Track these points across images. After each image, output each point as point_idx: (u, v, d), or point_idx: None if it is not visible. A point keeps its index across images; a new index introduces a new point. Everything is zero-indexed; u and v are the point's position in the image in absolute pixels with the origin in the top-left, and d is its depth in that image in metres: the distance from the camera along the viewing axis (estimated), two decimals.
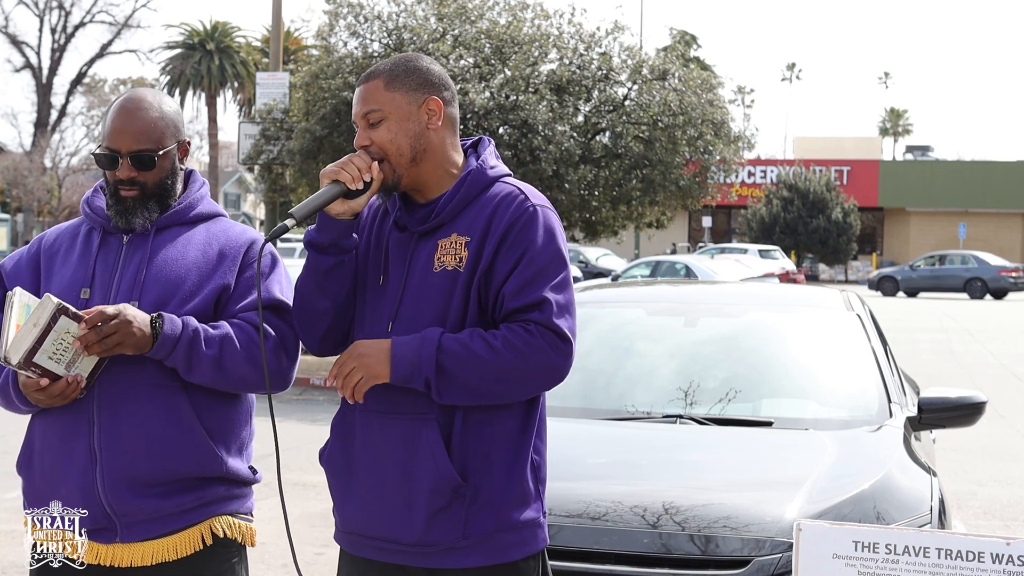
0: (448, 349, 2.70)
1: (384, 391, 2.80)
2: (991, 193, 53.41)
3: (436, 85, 2.88)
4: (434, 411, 2.77)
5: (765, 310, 5.96)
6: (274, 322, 3.00)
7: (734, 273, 27.36)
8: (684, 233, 55.17)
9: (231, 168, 71.01)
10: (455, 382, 2.70)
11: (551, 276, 2.76)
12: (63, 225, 3.19)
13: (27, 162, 47.89)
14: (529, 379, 2.74)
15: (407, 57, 2.92)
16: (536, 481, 2.86)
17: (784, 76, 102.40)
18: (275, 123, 18.01)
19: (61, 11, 52.23)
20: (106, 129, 3.02)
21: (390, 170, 2.84)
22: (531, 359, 2.71)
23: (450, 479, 2.74)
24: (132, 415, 2.92)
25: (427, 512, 2.76)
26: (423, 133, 2.84)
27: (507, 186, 2.87)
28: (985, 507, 8.67)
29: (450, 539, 2.77)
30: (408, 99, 2.84)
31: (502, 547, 2.79)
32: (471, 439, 2.78)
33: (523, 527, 2.82)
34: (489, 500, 2.78)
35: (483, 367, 2.69)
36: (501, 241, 2.78)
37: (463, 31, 16.57)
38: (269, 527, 7.63)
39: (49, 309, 2.77)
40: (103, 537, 2.97)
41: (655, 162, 17.01)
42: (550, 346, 2.72)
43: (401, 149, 2.83)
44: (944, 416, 5.07)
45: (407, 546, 2.80)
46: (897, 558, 2.65)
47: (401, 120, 2.83)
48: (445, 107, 2.87)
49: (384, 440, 2.82)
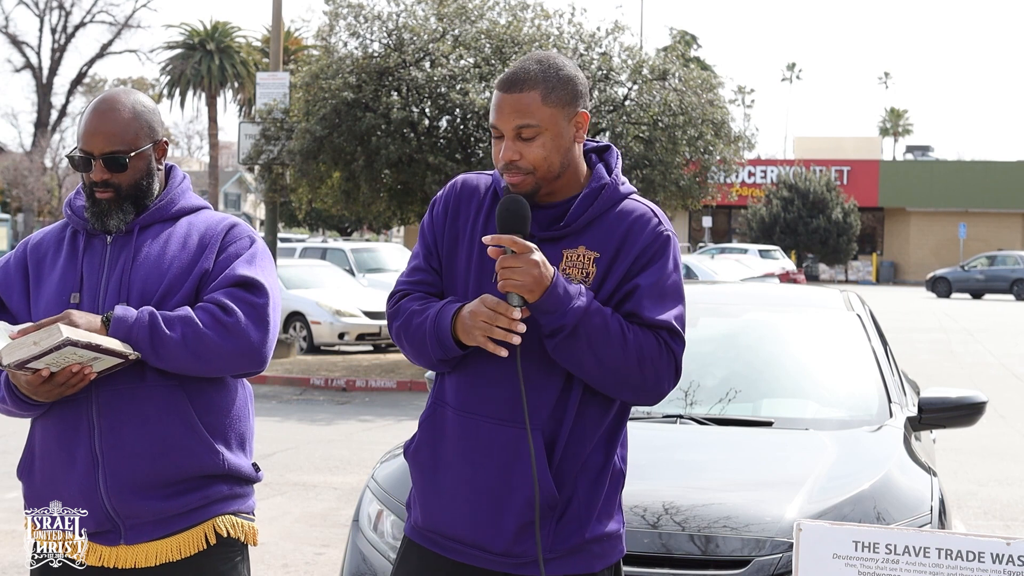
0: (592, 314, 2.65)
1: (487, 393, 2.74)
2: (991, 193, 53.38)
3: (583, 95, 2.77)
4: (539, 421, 2.72)
5: (765, 310, 5.96)
6: (241, 296, 2.95)
7: (734, 273, 27.39)
8: (684, 233, 55.15)
9: (231, 168, 71.06)
10: (576, 344, 2.65)
11: (673, 304, 2.74)
12: (47, 228, 3.18)
13: (27, 162, 47.93)
14: (634, 385, 2.71)
15: (554, 63, 2.75)
16: (619, 491, 2.85)
17: (784, 76, 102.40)
18: (275, 123, 17.99)
19: (61, 11, 52.27)
20: (80, 131, 3.02)
21: (534, 183, 2.73)
22: (648, 370, 2.69)
23: (548, 495, 2.71)
24: (133, 417, 2.92)
25: (518, 522, 2.73)
26: (571, 147, 2.76)
27: (639, 205, 2.81)
28: (985, 507, 8.66)
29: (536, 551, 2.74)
30: (564, 114, 2.73)
31: (585, 559, 2.79)
32: (571, 452, 2.75)
33: (606, 539, 2.81)
34: (577, 515, 2.76)
35: (608, 349, 2.65)
36: (634, 263, 2.74)
37: (463, 31, 16.56)
38: (269, 527, 7.65)
39: (55, 339, 2.72)
40: (107, 540, 2.96)
41: (655, 162, 17.00)
42: (668, 372, 2.71)
43: (552, 166, 2.73)
44: (944, 416, 5.07)
45: (494, 555, 2.76)
46: (897, 558, 2.65)
47: (556, 137, 2.72)
48: (589, 118, 2.79)
49: (483, 445, 2.75)
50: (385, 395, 14.97)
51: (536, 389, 2.73)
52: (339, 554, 6.75)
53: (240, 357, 2.93)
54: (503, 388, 2.73)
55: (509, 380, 2.72)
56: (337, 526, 7.63)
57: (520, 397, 2.70)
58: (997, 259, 41.77)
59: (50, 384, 2.83)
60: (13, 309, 3.05)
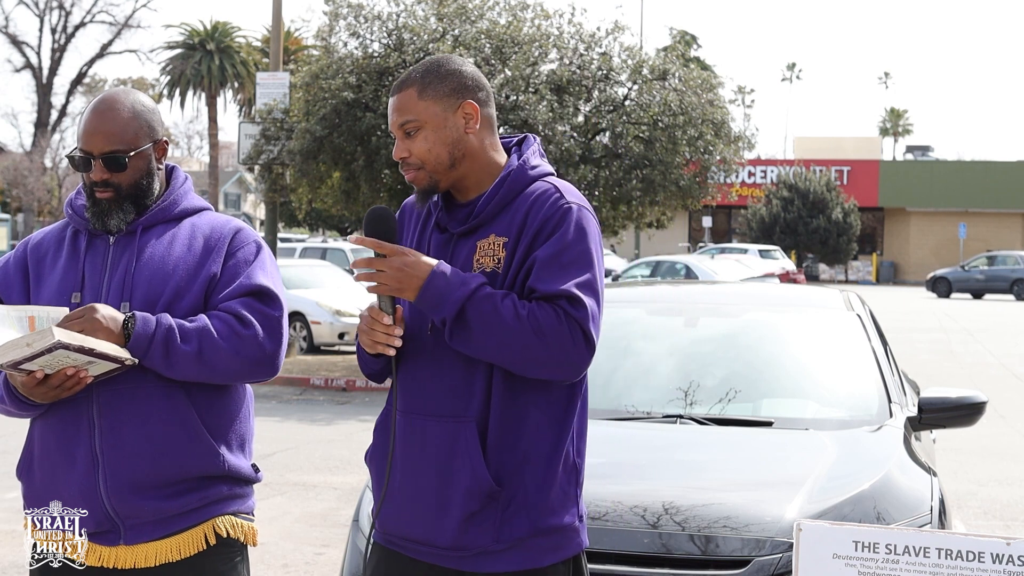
0: (478, 301, 2.67)
1: (426, 391, 2.79)
2: (991, 193, 53.39)
3: (471, 87, 2.84)
4: (472, 412, 2.75)
5: (765, 310, 5.96)
6: (257, 308, 2.97)
7: (734, 273, 27.39)
8: (684, 233, 55.16)
9: (231, 168, 71.07)
10: (470, 334, 2.68)
11: (577, 273, 2.73)
12: (48, 228, 3.17)
13: (27, 162, 47.93)
14: (541, 361, 2.69)
15: (438, 61, 2.86)
16: (575, 484, 2.84)
17: (784, 76, 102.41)
18: (275, 123, 17.99)
19: (61, 11, 52.26)
20: (79, 131, 3.01)
21: (428, 177, 2.82)
22: (550, 343, 2.67)
23: (484, 483, 2.73)
24: (133, 417, 2.91)
25: (461, 515, 2.75)
26: (461, 138, 2.82)
27: (545, 184, 2.84)
28: (985, 507, 8.67)
29: (483, 543, 2.76)
30: (443, 106, 2.80)
31: (536, 552, 2.78)
32: (508, 441, 2.76)
33: (557, 532, 2.80)
34: (524, 505, 2.76)
35: (502, 331, 2.66)
36: (534, 239, 2.76)
37: (463, 31, 16.55)
38: (269, 527, 7.64)
39: (47, 341, 2.70)
40: (106, 540, 2.96)
41: (655, 162, 17.00)
42: (573, 340, 2.68)
43: (440, 158, 2.80)
44: (944, 416, 5.07)
45: (443, 549, 2.79)
46: (897, 558, 2.65)
47: (438, 128, 2.80)
48: (481, 108, 2.84)
49: (423, 442, 2.80)
50: (385, 395, 14.94)
51: (465, 380, 2.76)
52: (339, 554, 6.74)
53: (254, 369, 2.96)
54: (437, 385, 2.79)
55: (442, 377, 2.78)
56: (337, 526, 7.63)
57: (457, 393, 2.76)
58: (997, 259, 41.82)
59: (45, 386, 2.82)
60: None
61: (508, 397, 2.76)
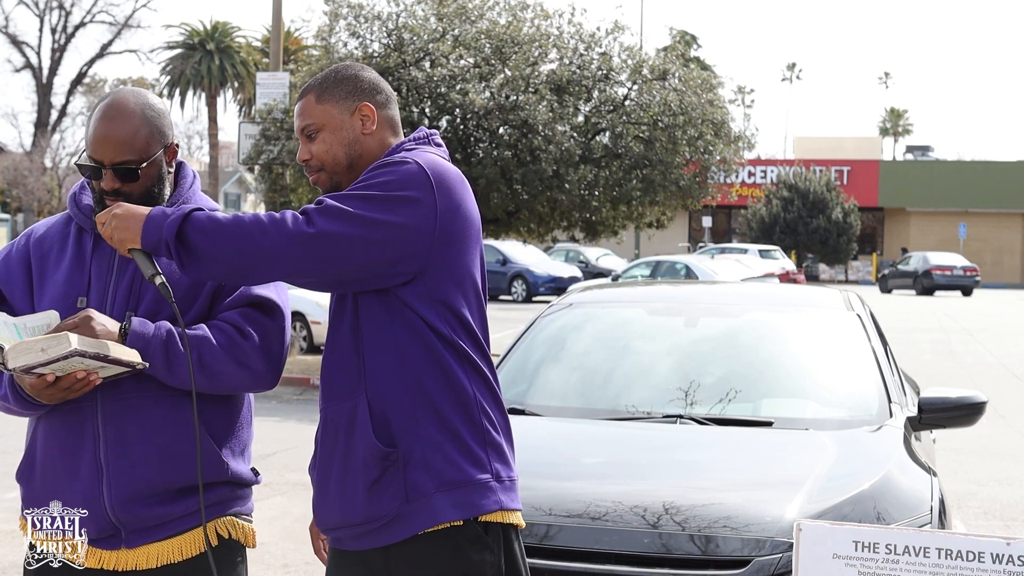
0: (196, 220, 2.70)
1: (325, 379, 2.86)
2: (991, 193, 53.41)
3: (367, 91, 2.93)
4: (363, 388, 2.78)
5: (765, 310, 5.96)
6: (259, 319, 2.95)
7: (734, 273, 27.36)
8: (684, 233, 55.17)
9: (231, 168, 71.01)
10: (197, 251, 2.69)
11: (352, 188, 2.77)
12: (50, 221, 3.10)
13: (27, 162, 47.92)
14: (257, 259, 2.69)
15: (337, 68, 2.98)
16: (485, 443, 2.80)
17: (784, 76, 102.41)
18: (275, 123, 17.99)
19: (61, 11, 52.27)
20: (88, 137, 2.92)
21: (328, 179, 2.90)
22: (270, 233, 2.67)
23: (375, 448, 2.74)
24: (138, 426, 2.88)
25: (365, 485, 2.77)
26: (358, 139, 2.90)
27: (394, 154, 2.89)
28: (985, 507, 8.66)
29: (392, 507, 2.74)
30: (339, 109, 2.90)
31: (441, 509, 2.73)
32: (392, 401, 2.77)
33: (464, 486, 2.75)
34: (423, 462, 2.74)
35: (222, 236, 2.67)
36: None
37: (463, 31, 16.56)
38: (269, 527, 7.64)
39: (64, 348, 2.68)
40: (108, 544, 2.93)
41: (655, 162, 17.01)
42: (295, 225, 2.67)
43: (337, 158, 2.89)
44: (944, 416, 5.07)
45: (357, 526, 2.80)
46: (897, 558, 2.65)
47: (335, 130, 2.89)
48: (379, 110, 2.93)
49: (327, 430, 2.87)
50: None
51: (351, 357, 2.81)
52: None
53: (253, 380, 2.94)
54: (325, 371, 2.88)
55: (333, 360, 2.85)
56: None
57: (345, 370, 2.81)
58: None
59: (54, 388, 2.78)
60: (15, 304, 2.99)
61: (378, 362, 2.78)
